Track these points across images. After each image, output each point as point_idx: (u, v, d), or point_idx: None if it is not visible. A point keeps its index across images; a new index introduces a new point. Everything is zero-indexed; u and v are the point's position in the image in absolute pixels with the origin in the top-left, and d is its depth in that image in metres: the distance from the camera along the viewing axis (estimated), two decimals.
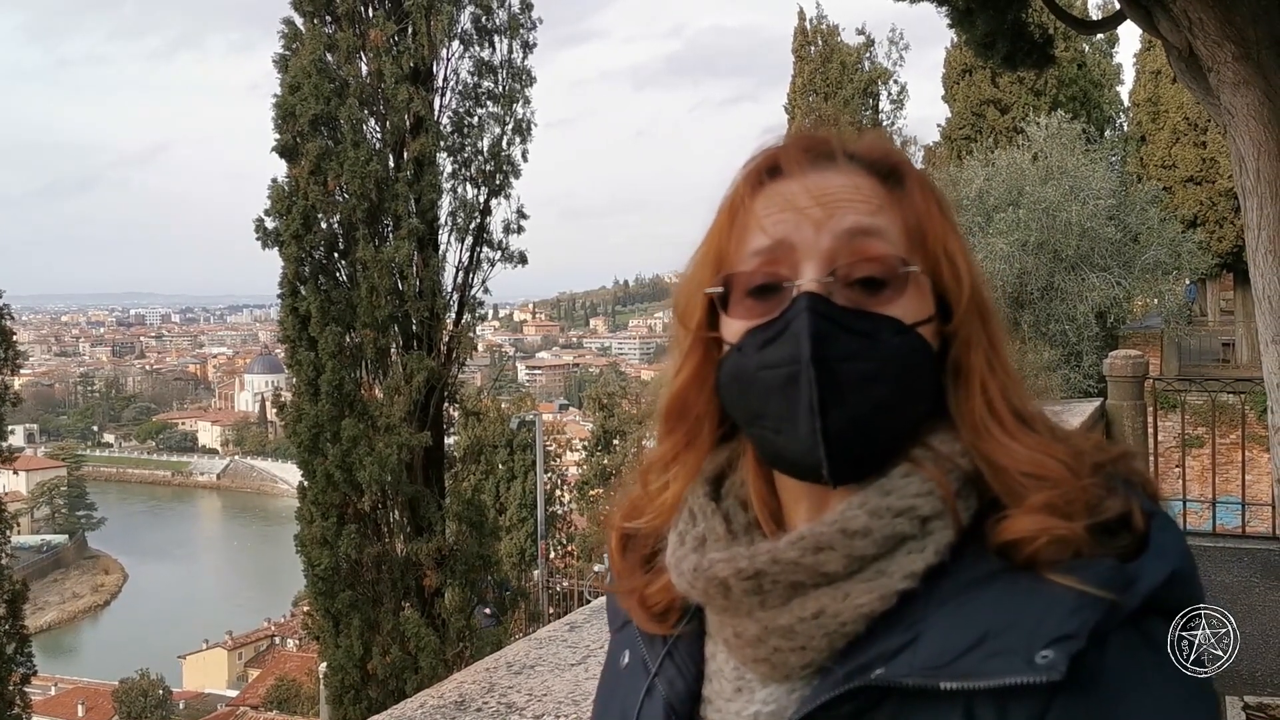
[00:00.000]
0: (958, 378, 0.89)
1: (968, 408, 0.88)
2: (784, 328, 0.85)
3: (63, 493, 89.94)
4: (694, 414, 0.97)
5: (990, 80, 25.22)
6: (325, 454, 13.92)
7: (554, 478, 33.58)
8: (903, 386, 0.86)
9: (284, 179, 14.51)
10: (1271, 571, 6.91)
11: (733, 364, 0.90)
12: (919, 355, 0.87)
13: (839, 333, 0.84)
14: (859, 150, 0.92)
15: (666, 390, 0.98)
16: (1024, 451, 0.85)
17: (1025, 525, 0.81)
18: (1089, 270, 15.93)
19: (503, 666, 2.77)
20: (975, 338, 0.90)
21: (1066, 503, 0.81)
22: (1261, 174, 3.75)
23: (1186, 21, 3.84)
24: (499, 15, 15.75)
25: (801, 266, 0.87)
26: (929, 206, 0.91)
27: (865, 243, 0.87)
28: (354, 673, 14.03)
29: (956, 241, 0.92)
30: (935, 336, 0.89)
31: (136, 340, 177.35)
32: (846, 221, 0.87)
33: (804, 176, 0.90)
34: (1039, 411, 0.91)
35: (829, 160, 0.91)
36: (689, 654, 0.95)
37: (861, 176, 0.90)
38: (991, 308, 0.92)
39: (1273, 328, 3.82)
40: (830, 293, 0.85)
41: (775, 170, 0.92)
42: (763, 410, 0.88)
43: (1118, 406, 8.32)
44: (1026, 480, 0.83)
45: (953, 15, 5.64)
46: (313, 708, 28.35)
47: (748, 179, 0.93)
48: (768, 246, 0.88)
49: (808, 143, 0.93)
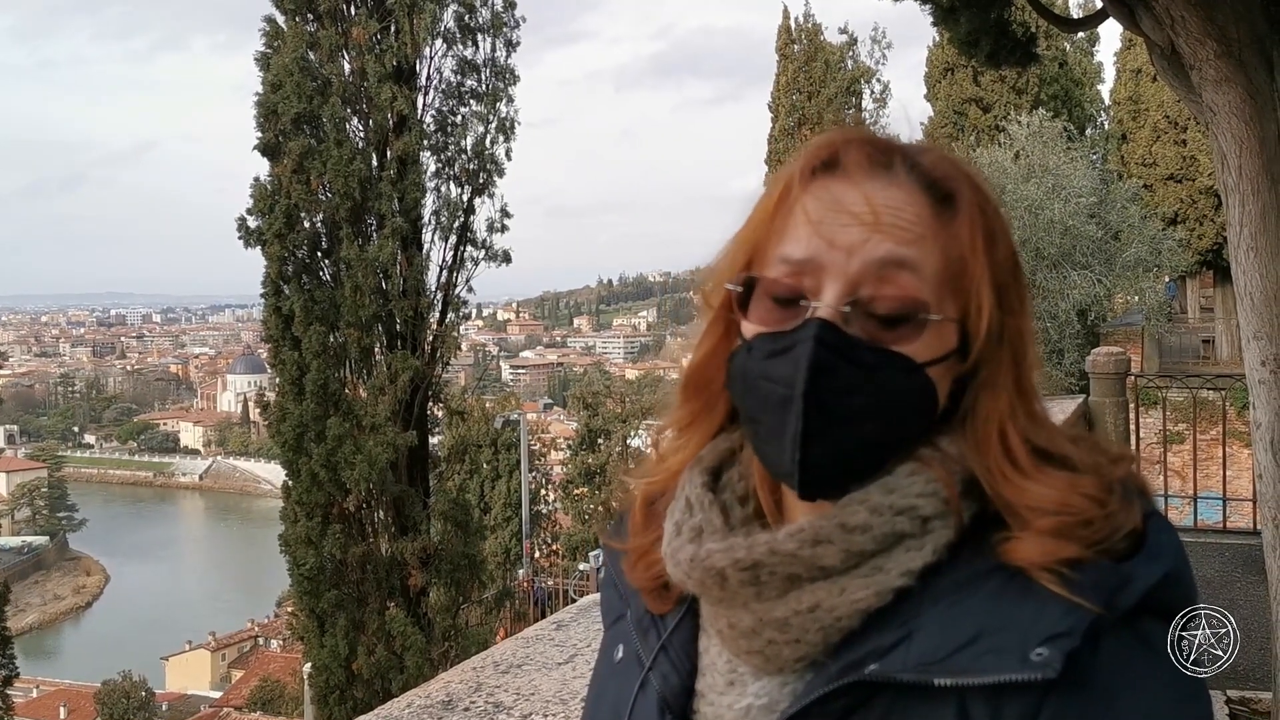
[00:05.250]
0: (973, 415, 0.88)
1: (982, 446, 0.86)
2: (789, 346, 0.84)
3: (43, 494, 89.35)
4: (712, 387, 0.97)
5: (972, 79, 25.30)
6: (310, 454, 13.87)
7: (538, 477, 33.56)
8: (896, 423, 0.85)
9: (267, 178, 14.44)
10: (1253, 565, 6.95)
11: (741, 361, 0.90)
12: (920, 396, 0.85)
13: (842, 364, 0.83)
14: (921, 163, 0.89)
15: (689, 361, 0.98)
16: (1043, 490, 0.83)
17: (1033, 552, 0.80)
18: (1070, 268, 16.01)
19: (490, 666, 2.77)
20: (1000, 380, 0.87)
21: (1085, 529, 0.80)
22: (1244, 171, 3.78)
23: (1168, 19, 3.86)
24: (482, 14, 15.72)
25: (824, 287, 0.85)
26: (975, 242, 0.87)
27: (895, 275, 0.84)
28: (339, 672, 13.98)
29: (1000, 286, 0.87)
30: (951, 371, 0.87)
31: (117, 340, 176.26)
32: (880, 250, 0.84)
33: (857, 181, 0.87)
34: (1061, 441, 0.88)
35: (887, 168, 0.88)
36: (683, 648, 0.95)
37: (916, 193, 0.87)
38: (1025, 350, 0.89)
39: (1254, 324, 3.85)
40: (846, 320, 0.84)
41: (832, 164, 0.89)
42: (757, 417, 0.88)
43: (1100, 403, 8.36)
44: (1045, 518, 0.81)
45: (936, 14, 5.65)
46: (297, 708, 28.25)
47: (803, 168, 0.90)
48: (797, 260, 0.86)
49: (871, 143, 0.90)
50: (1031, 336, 0.90)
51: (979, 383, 0.88)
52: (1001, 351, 0.87)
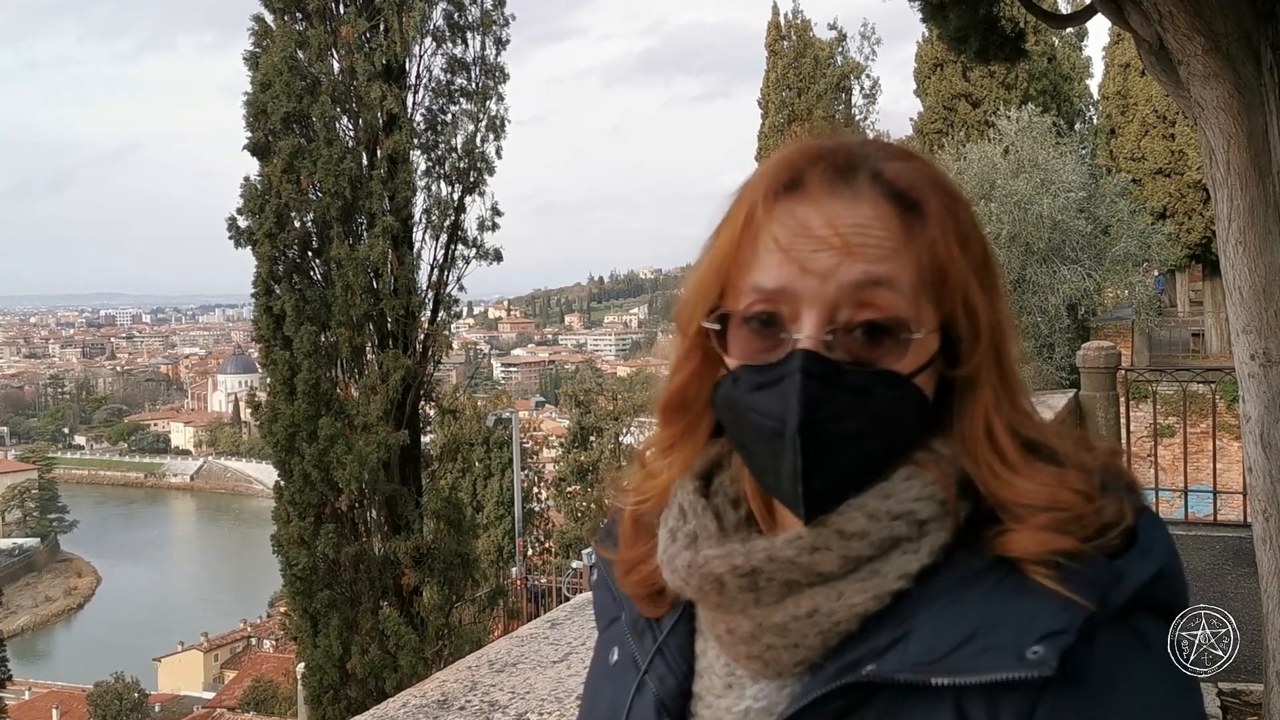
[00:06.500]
0: (961, 414, 0.88)
1: (970, 444, 0.87)
2: (777, 380, 0.84)
3: (34, 496, 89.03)
4: (694, 408, 0.97)
5: (961, 74, 25.34)
6: (302, 454, 13.83)
7: (531, 475, 33.51)
8: (892, 437, 0.85)
9: (256, 177, 14.39)
10: (1243, 558, 6.99)
11: (727, 392, 0.89)
12: (912, 405, 0.86)
13: (832, 392, 0.82)
14: (886, 173, 0.87)
15: (665, 386, 0.98)
16: (1032, 486, 0.83)
17: (1028, 544, 0.81)
18: (1060, 262, 16.05)
19: (485, 665, 2.77)
20: (985, 377, 0.88)
21: (1076, 523, 0.81)
22: (1232, 166, 3.79)
23: (1157, 15, 3.87)
24: (471, 11, 15.66)
25: (803, 315, 0.84)
26: (949, 247, 0.86)
27: (872, 294, 0.83)
28: (333, 672, 13.95)
29: (977, 285, 0.87)
30: (936, 374, 0.88)
31: (107, 341, 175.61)
32: (854, 273, 0.83)
33: (821, 202, 0.85)
34: (1048, 433, 0.89)
35: (850, 183, 0.86)
36: (679, 650, 0.95)
37: (882, 206, 0.85)
38: (1007, 346, 0.89)
39: (1243, 317, 3.86)
40: (829, 347, 0.83)
41: (794, 185, 0.87)
42: (751, 448, 0.88)
43: (1091, 397, 8.40)
44: (1035, 513, 0.82)
45: (925, 10, 5.67)
46: (290, 708, 28.22)
47: (766, 190, 0.88)
48: (770, 290, 0.85)
49: (831, 158, 0.88)
50: (1011, 325, 0.90)
51: (963, 380, 0.88)
52: (983, 348, 0.87)
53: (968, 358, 0.87)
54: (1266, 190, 3.76)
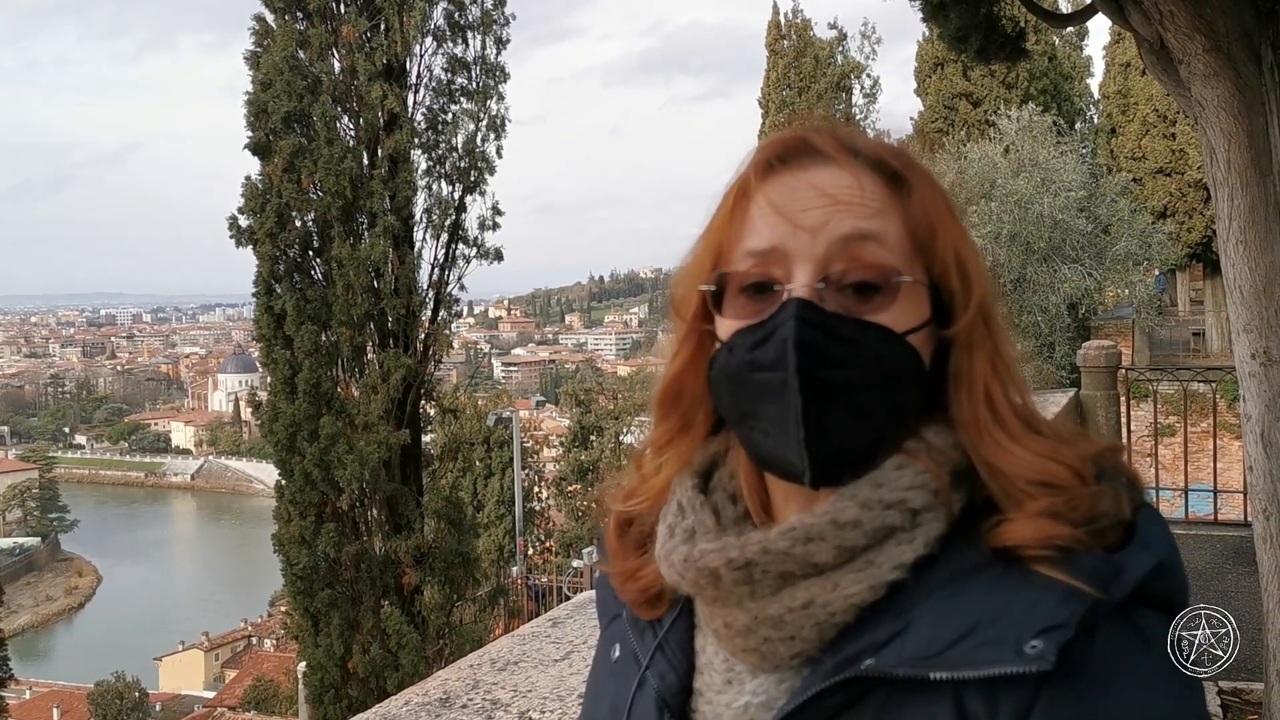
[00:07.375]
0: (959, 381, 0.89)
1: (969, 411, 0.88)
2: (772, 331, 0.85)
3: (35, 495, 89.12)
4: (688, 401, 0.98)
5: (962, 74, 25.35)
6: (303, 453, 13.84)
7: (531, 474, 33.53)
8: (887, 394, 0.86)
9: (258, 177, 14.40)
10: (1243, 557, 6.99)
11: (723, 363, 0.90)
12: (906, 364, 0.86)
13: (825, 340, 0.84)
14: (863, 147, 0.91)
15: (662, 377, 0.99)
16: (1029, 457, 0.84)
17: (1026, 531, 0.81)
18: (1060, 262, 16.07)
19: (487, 663, 2.77)
20: (979, 341, 0.89)
21: (1070, 508, 0.81)
22: (1232, 165, 3.79)
23: (1157, 14, 3.87)
24: (472, 11, 15.67)
25: (795, 271, 0.86)
26: (938, 207, 0.90)
27: (861, 248, 0.86)
28: (334, 671, 13.97)
29: (967, 245, 0.91)
30: (931, 341, 0.89)
31: (107, 340, 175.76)
32: (844, 227, 0.86)
33: (807, 170, 0.89)
34: (1038, 410, 0.91)
35: (835, 157, 0.90)
36: (680, 647, 0.96)
37: (866, 175, 0.89)
38: (996, 309, 0.91)
39: (1244, 317, 3.86)
40: (821, 298, 0.85)
41: (780, 161, 0.91)
42: (751, 411, 0.88)
43: (1092, 396, 8.40)
44: (1031, 488, 0.83)
45: (926, 9, 5.67)
46: (291, 707, 28.22)
47: (753, 169, 0.92)
48: (762, 250, 0.88)
49: (811, 137, 0.92)
50: (996, 301, 0.92)
51: (960, 346, 0.89)
52: (976, 314, 0.89)
53: (961, 312, 0.89)
54: (1267, 189, 3.77)
